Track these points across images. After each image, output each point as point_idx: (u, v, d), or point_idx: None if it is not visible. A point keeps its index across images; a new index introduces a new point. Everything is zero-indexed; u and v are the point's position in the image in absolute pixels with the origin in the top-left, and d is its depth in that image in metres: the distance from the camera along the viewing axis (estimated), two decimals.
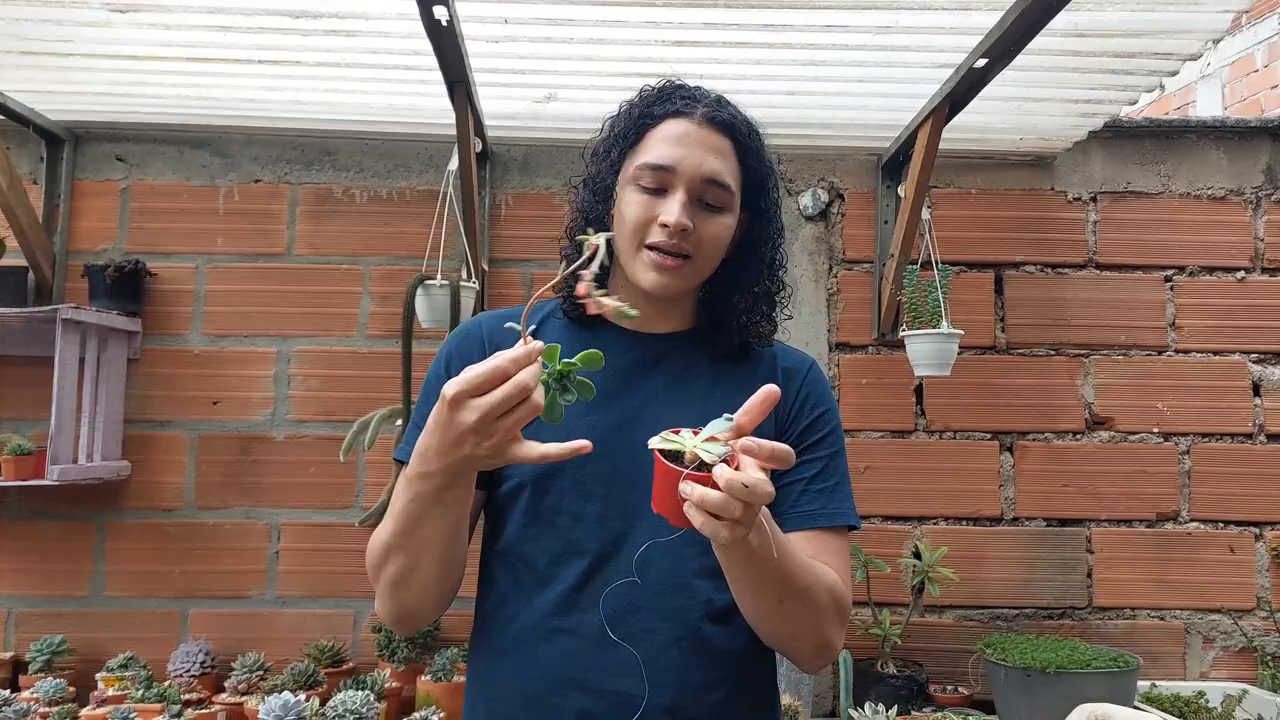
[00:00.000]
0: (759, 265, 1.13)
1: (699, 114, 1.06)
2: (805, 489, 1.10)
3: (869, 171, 2.50)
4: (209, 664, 2.22)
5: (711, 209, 1.06)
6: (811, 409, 1.13)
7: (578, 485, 1.05)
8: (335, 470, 2.33)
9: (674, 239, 1.03)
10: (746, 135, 1.09)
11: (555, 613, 1.03)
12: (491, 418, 0.80)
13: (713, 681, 1.04)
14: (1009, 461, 2.44)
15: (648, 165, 1.05)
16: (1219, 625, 2.40)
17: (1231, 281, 2.49)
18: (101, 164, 2.43)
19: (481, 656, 1.11)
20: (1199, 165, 2.50)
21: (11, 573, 2.32)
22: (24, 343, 2.31)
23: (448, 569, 0.98)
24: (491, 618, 1.09)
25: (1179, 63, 2.02)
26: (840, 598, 1.04)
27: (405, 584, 0.98)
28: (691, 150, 1.05)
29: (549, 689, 1.02)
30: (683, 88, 1.11)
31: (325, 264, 2.43)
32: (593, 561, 1.04)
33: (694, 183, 1.04)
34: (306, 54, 2.02)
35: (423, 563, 0.96)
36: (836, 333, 2.47)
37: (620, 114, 1.12)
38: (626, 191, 1.07)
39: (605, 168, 1.11)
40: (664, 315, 1.14)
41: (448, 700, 2.08)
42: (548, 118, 2.28)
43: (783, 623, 0.99)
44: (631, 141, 1.09)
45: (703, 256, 1.07)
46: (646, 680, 1.00)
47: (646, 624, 1.02)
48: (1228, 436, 2.45)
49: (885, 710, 1.98)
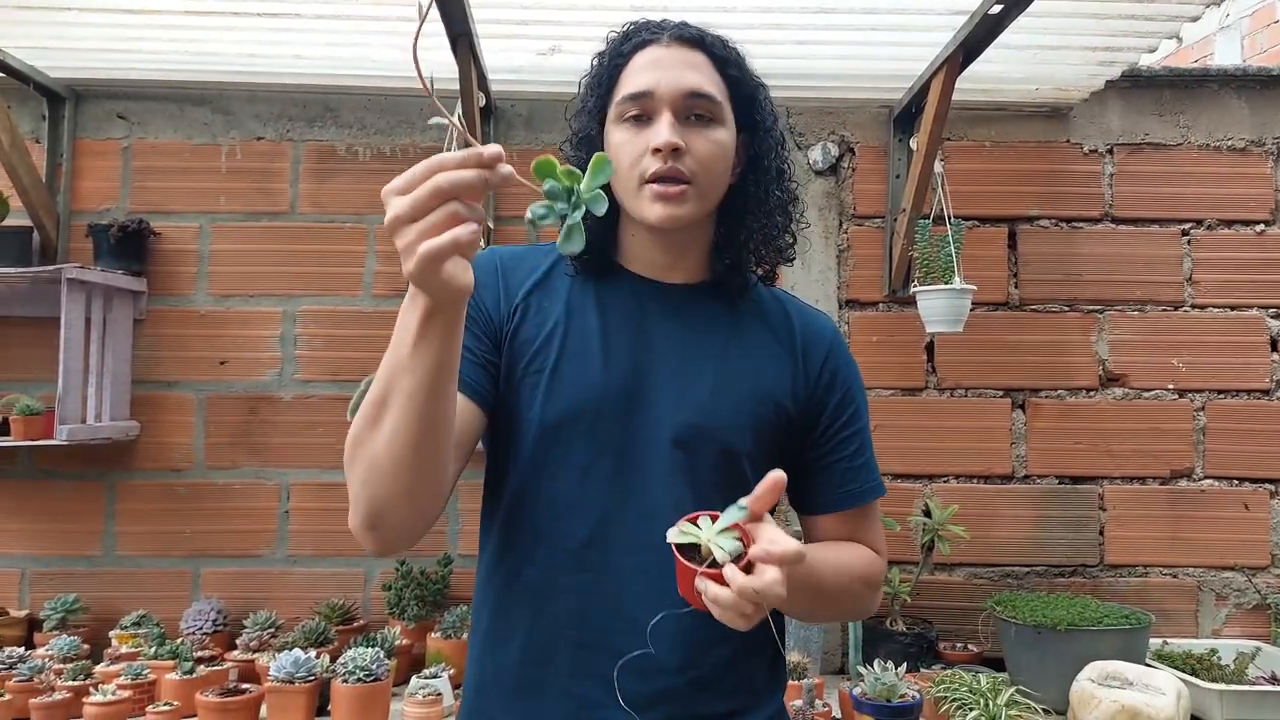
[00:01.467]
0: (766, 179, 1.09)
1: (665, 37, 1.04)
2: (848, 467, 1.11)
3: (880, 124, 2.45)
4: (221, 622, 2.24)
5: (702, 121, 1.03)
6: (842, 384, 1.12)
7: (591, 437, 1.02)
8: (342, 429, 2.29)
9: (669, 161, 1.00)
10: (720, 47, 1.06)
11: (564, 569, 1.01)
12: (403, 220, 0.72)
13: (721, 638, 1.01)
14: (1021, 419, 2.41)
15: (627, 97, 1.03)
16: (1232, 583, 2.38)
17: (1251, 235, 2.44)
18: (103, 122, 2.40)
19: (486, 616, 1.08)
20: (1219, 116, 2.44)
21: (24, 533, 2.34)
22: (30, 303, 2.30)
23: (426, 436, 0.84)
24: (494, 572, 1.07)
25: (1200, 7, 1.96)
26: (875, 575, 1.11)
27: (380, 462, 0.86)
28: (666, 71, 1.02)
29: (558, 648, 1.01)
30: (647, 21, 1.08)
31: (329, 223, 2.41)
32: (601, 517, 1.02)
33: (676, 100, 1.01)
34: (306, 6, 1.98)
35: (401, 422, 0.83)
36: (847, 289, 2.43)
37: (593, 66, 1.10)
38: (614, 133, 1.04)
39: (587, 120, 1.08)
40: (679, 259, 1.10)
41: (458, 657, 2.09)
42: (551, 71, 2.25)
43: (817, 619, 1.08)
44: (608, 86, 1.06)
45: (705, 175, 1.03)
46: (657, 639, 0.98)
47: (657, 583, 0.99)
48: (1244, 393, 2.41)
49: (894, 667, 1.97)
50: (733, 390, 1.05)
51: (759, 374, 1.08)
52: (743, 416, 1.05)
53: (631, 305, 1.08)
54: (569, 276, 1.10)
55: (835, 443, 1.10)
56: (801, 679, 1.99)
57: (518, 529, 1.05)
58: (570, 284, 1.09)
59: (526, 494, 1.04)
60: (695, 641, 1.01)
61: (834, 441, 1.11)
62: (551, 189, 0.77)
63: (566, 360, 1.04)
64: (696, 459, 1.03)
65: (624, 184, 1.03)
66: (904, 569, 2.29)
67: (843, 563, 1.06)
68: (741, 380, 1.06)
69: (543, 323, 1.06)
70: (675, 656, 1.00)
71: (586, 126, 1.08)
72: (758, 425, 1.05)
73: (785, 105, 2.41)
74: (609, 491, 1.02)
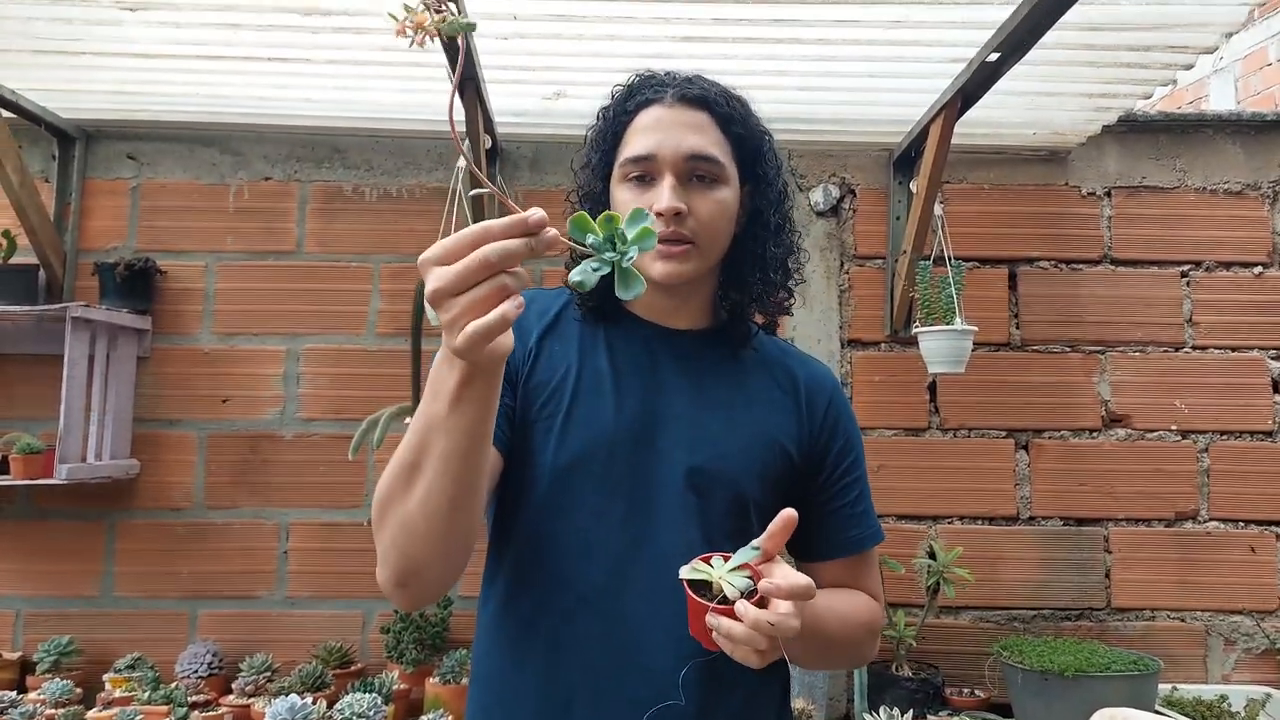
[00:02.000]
0: (765, 233, 1.10)
1: (669, 96, 1.05)
2: (849, 514, 1.13)
3: (881, 167, 2.48)
4: (216, 665, 2.21)
5: (704, 182, 1.04)
6: (843, 433, 1.14)
7: (603, 479, 1.02)
8: (344, 469, 2.32)
9: (670, 225, 1.01)
10: (724, 104, 1.06)
11: (579, 616, 1.00)
12: (448, 293, 0.70)
13: (732, 684, 1.02)
14: (1024, 460, 2.41)
15: (630, 159, 1.04)
16: (1240, 627, 2.36)
17: (1249, 277, 2.45)
18: (112, 162, 2.43)
19: (495, 661, 1.06)
20: (1215, 159, 2.48)
21: (20, 573, 2.31)
22: (34, 341, 2.31)
23: (461, 499, 0.84)
24: (503, 618, 1.05)
25: (1194, 56, 2.00)
26: (875, 622, 1.12)
27: (413, 522, 0.85)
28: (668, 133, 1.03)
29: (575, 698, 0.99)
30: (651, 76, 1.09)
31: (335, 262, 2.42)
32: (615, 562, 1.01)
33: (677, 164, 1.03)
34: (316, 51, 2.02)
35: (435, 485, 0.82)
36: (849, 329, 2.44)
37: (598, 119, 1.11)
38: (618, 192, 1.06)
39: (592, 175, 1.10)
40: (682, 305, 1.11)
41: (456, 703, 2.06)
42: (557, 114, 2.28)
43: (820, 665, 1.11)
44: (612, 143, 1.08)
45: (706, 235, 1.04)
46: (672, 685, 0.98)
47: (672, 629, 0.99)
48: (1247, 434, 2.41)
49: (900, 714, 1.94)
50: (741, 435, 1.06)
51: (765, 420, 1.08)
52: (751, 462, 1.05)
53: (640, 350, 1.09)
54: (577, 321, 1.11)
55: (837, 489, 1.11)
56: None
57: (529, 573, 1.04)
58: (580, 328, 1.10)
59: (538, 537, 1.03)
60: (709, 689, 1.00)
61: (836, 488, 1.11)
62: (596, 242, 0.76)
63: (579, 404, 1.05)
64: (708, 503, 1.03)
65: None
66: (909, 612, 2.27)
67: (846, 609, 1.07)
68: (749, 426, 1.07)
69: (555, 367, 1.07)
70: (691, 704, 0.99)
71: (591, 183, 1.10)
72: (765, 471, 1.06)
73: (787, 148, 2.44)
74: (622, 535, 1.02)
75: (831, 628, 1.01)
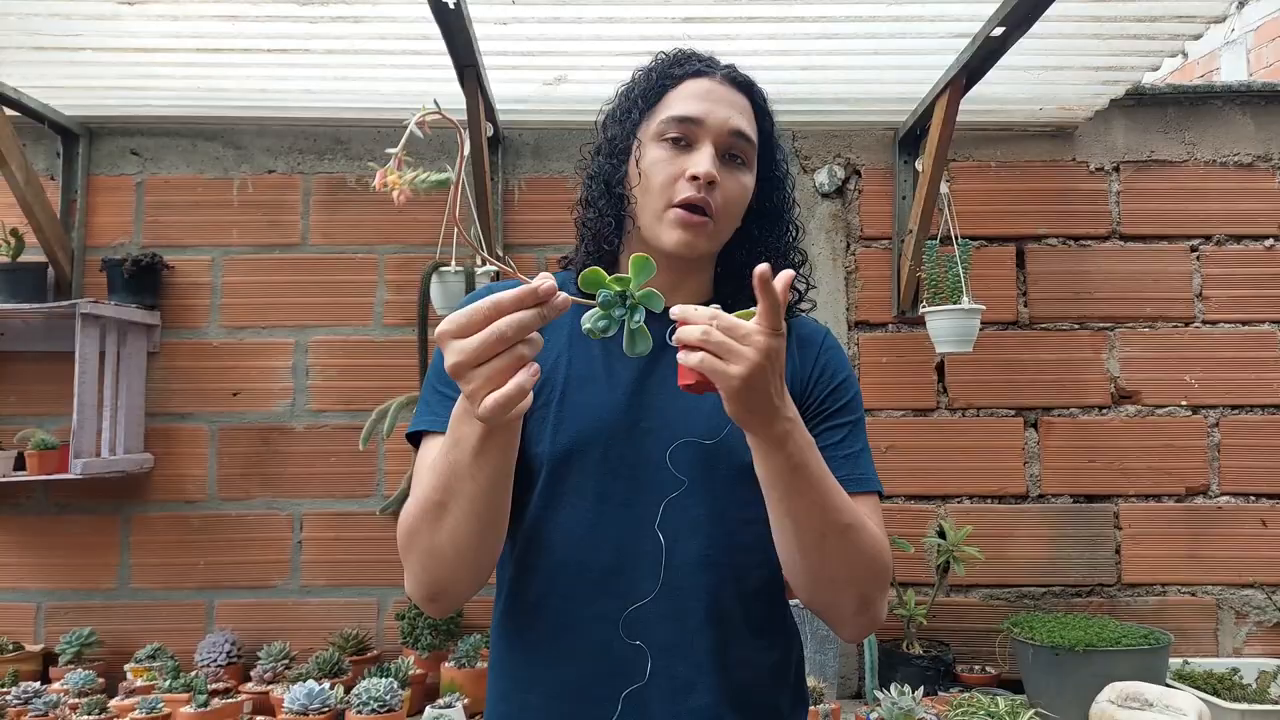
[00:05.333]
0: (769, 230, 1.12)
1: (719, 73, 1.08)
2: (831, 456, 1.06)
3: (885, 146, 2.46)
4: (235, 654, 2.24)
5: (735, 164, 1.06)
6: (831, 377, 1.12)
7: (603, 464, 1.03)
8: (355, 459, 2.34)
9: (701, 191, 1.02)
10: (762, 99, 1.11)
11: (588, 600, 1.01)
12: (468, 366, 0.74)
13: (745, 659, 1.03)
14: (1033, 438, 2.40)
15: (674, 118, 1.04)
16: (1252, 600, 2.36)
17: (1260, 250, 2.43)
18: (116, 158, 2.44)
19: (508, 645, 1.07)
20: (1225, 132, 2.45)
21: (40, 567, 2.35)
22: (45, 338, 2.33)
23: (488, 529, 0.92)
24: (514, 607, 1.06)
25: (1203, 26, 1.97)
26: (883, 550, 1.00)
27: (442, 551, 0.91)
28: (718, 104, 1.05)
29: (588, 681, 1.00)
30: (698, 54, 1.11)
31: (340, 254, 2.43)
32: (620, 544, 1.01)
33: (721, 135, 1.04)
34: (315, 41, 2.01)
35: (462, 522, 0.89)
36: (855, 311, 2.44)
37: (637, 79, 1.11)
38: (651, 149, 1.06)
39: (623, 130, 1.09)
40: (683, 286, 1.11)
41: (471, 687, 2.08)
42: (559, 100, 2.26)
43: (824, 563, 0.94)
44: (652, 102, 1.08)
45: (725, 215, 1.06)
46: (683, 661, 0.99)
47: (680, 603, 1.00)
48: (1258, 408, 2.40)
49: (911, 691, 1.96)
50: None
51: None
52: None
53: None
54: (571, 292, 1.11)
55: (822, 430, 1.08)
56: (818, 704, 1.98)
57: (536, 561, 1.04)
58: (572, 313, 1.10)
59: (541, 523, 1.04)
60: (722, 662, 1.01)
61: (821, 429, 1.08)
62: (606, 299, 0.79)
63: (572, 390, 1.05)
64: (713, 475, 1.03)
65: (651, 202, 1.05)
66: (919, 591, 2.28)
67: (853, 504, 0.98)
68: None
69: (545, 357, 1.06)
70: (704, 677, 0.99)
71: (624, 139, 1.09)
72: None
73: (791, 129, 2.44)
74: (627, 515, 1.02)
75: (843, 502, 0.93)
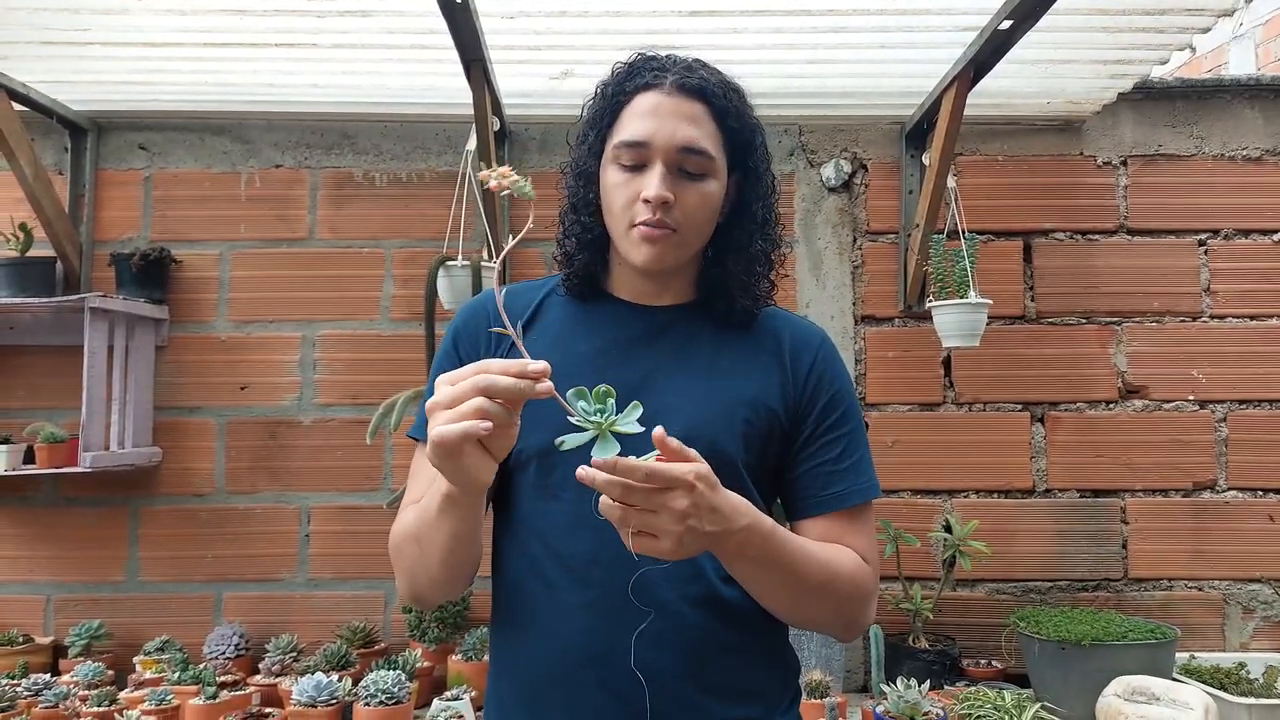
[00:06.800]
0: (751, 226, 1.12)
1: (668, 83, 1.05)
2: (831, 471, 1.10)
3: (892, 141, 2.45)
4: (243, 646, 2.25)
5: (692, 177, 1.05)
6: (827, 388, 1.12)
7: (585, 458, 1.04)
8: (362, 453, 2.35)
9: (656, 213, 1.03)
10: (721, 96, 1.06)
11: (571, 588, 1.03)
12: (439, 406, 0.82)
13: (729, 644, 1.04)
14: (1040, 433, 2.40)
15: (623, 144, 1.05)
16: (1259, 595, 2.35)
17: (1268, 244, 2.42)
18: (124, 153, 2.44)
19: (501, 635, 1.11)
20: (1233, 126, 2.44)
21: (49, 560, 2.36)
22: (54, 332, 2.34)
23: (454, 572, 1.01)
24: (507, 595, 1.10)
25: (1211, 19, 1.96)
26: (863, 582, 1.05)
27: (415, 574, 1.04)
28: (664, 121, 1.03)
29: (572, 666, 1.03)
30: (653, 59, 1.09)
31: (347, 248, 2.43)
32: (600, 534, 1.01)
33: (669, 154, 1.03)
34: (322, 36, 2.01)
35: (431, 561, 1.00)
36: (862, 305, 2.44)
37: (595, 95, 1.11)
38: (608, 173, 1.07)
39: (586, 152, 1.11)
40: (665, 288, 1.13)
41: (479, 679, 2.09)
42: (565, 94, 2.27)
43: (803, 617, 1.05)
44: (608, 122, 1.08)
45: (689, 227, 1.06)
46: (666, 648, 1.00)
47: (661, 593, 1.01)
48: (1266, 403, 2.39)
49: (918, 684, 1.96)
50: (721, 399, 1.07)
51: (748, 383, 1.09)
52: (734, 424, 1.06)
53: (619, 327, 1.11)
54: (559, 304, 1.15)
55: (820, 445, 1.09)
56: (824, 697, 1.98)
57: (526, 551, 1.07)
58: (561, 312, 1.14)
59: (531, 516, 1.07)
60: (700, 650, 1.03)
61: (819, 444, 1.10)
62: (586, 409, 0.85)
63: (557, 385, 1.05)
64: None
65: (615, 224, 1.07)
66: (926, 585, 2.28)
67: (826, 558, 1.02)
68: (730, 390, 1.08)
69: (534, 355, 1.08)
70: (681, 664, 1.01)
71: (586, 161, 1.11)
72: (749, 432, 1.06)
73: (798, 123, 2.44)
74: None
75: (804, 569, 0.97)
